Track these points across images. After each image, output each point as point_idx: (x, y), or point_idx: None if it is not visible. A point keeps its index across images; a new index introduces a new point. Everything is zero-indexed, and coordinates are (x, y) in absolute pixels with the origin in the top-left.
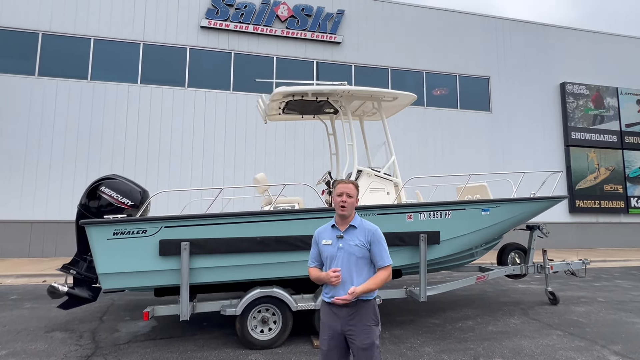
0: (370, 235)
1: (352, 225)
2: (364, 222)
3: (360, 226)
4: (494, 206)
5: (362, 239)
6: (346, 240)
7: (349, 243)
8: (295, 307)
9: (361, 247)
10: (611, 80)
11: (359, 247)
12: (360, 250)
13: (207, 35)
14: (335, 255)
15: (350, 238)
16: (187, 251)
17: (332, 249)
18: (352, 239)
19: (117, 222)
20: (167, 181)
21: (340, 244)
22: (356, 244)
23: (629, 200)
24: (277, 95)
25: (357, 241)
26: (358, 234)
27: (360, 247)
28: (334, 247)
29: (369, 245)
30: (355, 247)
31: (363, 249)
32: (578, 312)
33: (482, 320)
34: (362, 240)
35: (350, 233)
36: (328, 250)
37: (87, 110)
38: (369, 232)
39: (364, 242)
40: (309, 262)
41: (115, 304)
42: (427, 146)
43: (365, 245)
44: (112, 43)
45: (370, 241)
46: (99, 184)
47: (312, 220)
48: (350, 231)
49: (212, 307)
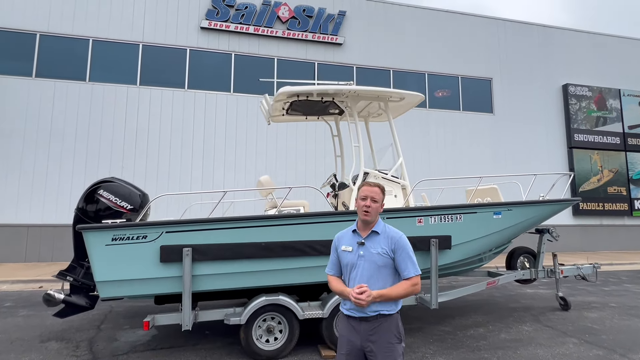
0: (395, 242)
1: (375, 232)
2: (388, 228)
3: (383, 232)
4: (506, 209)
5: (385, 246)
6: (368, 248)
7: (370, 251)
8: (302, 316)
9: (384, 256)
10: (613, 81)
11: (381, 256)
12: (382, 259)
13: (207, 37)
14: (356, 264)
15: (372, 245)
16: (189, 257)
17: (352, 257)
18: (374, 246)
19: (115, 227)
20: (167, 184)
21: (361, 252)
22: (378, 252)
23: (633, 202)
24: (281, 95)
25: (379, 249)
26: (381, 241)
27: (383, 255)
28: (354, 254)
29: (392, 254)
30: (377, 255)
31: (386, 258)
32: (591, 318)
33: (493, 328)
34: (385, 249)
35: (372, 240)
36: (348, 258)
37: (85, 112)
38: (393, 240)
39: (387, 250)
40: (327, 268)
41: (113, 311)
42: (430, 148)
43: (389, 253)
44: (111, 44)
45: (394, 249)
46: (97, 187)
47: (321, 225)
48: (372, 238)
49: (215, 315)
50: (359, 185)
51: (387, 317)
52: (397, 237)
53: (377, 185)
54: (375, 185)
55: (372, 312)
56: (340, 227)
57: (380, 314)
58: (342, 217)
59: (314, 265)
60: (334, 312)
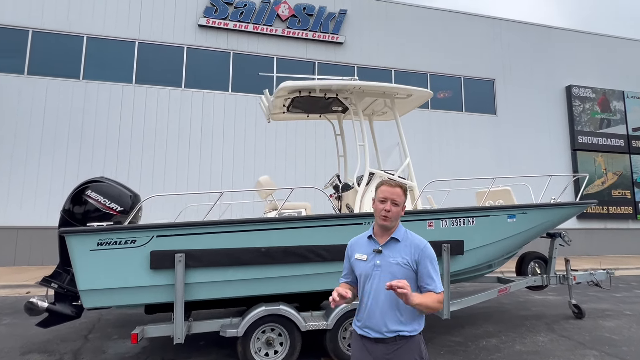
0: (419, 252)
1: (394, 238)
2: (410, 234)
3: (404, 239)
4: (520, 212)
5: (406, 256)
6: (385, 257)
7: (388, 260)
8: (305, 327)
9: (404, 267)
10: (617, 83)
11: (401, 267)
12: (402, 271)
13: (205, 34)
14: (371, 275)
15: (391, 254)
16: (182, 264)
17: (366, 266)
18: (394, 255)
19: (101, 231)
20: (162, 186)
21: (377, 261)
22: (398, 262)
23: (637, 205)
24: (282, 91)
25: (399, 258)
26: (401, 250)
27: (403, 266)
28: (369, 263)
29: (415, 265)
30: (397, 265)
31: (407, 270)
32: (608, 327)
33: (506, 338)
34: (406, 258)
35: (391, 247)
36: (362, 267)
37: (78, 110)
38: (417, 249)
39: (408, 260)
40: (341, 276)
41: (103, 319)
42: (431, 149)
43: (410, 264)
44: (105, 41)
45: (417, 260)
46: (84, 188)
47: (326, 229)
48: (391, 245)
49: (210, 326)
50: (377, 185)
51: (408, 339)
52: (422, 245)
53: (398, 186)
54: (397, 185)
55: (391, 333)
56: (346, 231)
57: (400, 335)
58: (349, 220)
59: (317, 272)
60: (339, 323)
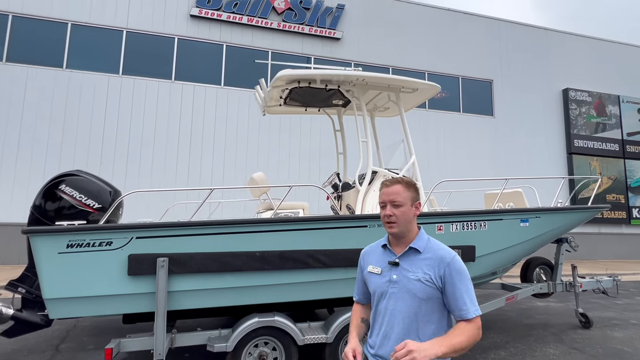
0: (444, 267)
1: (414, 249)
2: (433, 243)
3: (427, 250)
4: (533, 216)
5: (429, 271)
6: (403, 271)
7: (406, 275)
8: (302, 341)
9: (427, 284)
10: (613, 87)
11: (422, 284)
12: (424, 289)
13: (197, 25)
14: (386, 292)
15: (410, 267)
16: (165, 269)
17: (381, 281)
18: (413, 269)
19: (72, 231)
20: (149, 182)
21: (394, 275)
22: (419, 278)
23: (631, 210)
24: (280, 80)
25: (420, 273)
26: (423, 263)
27: (426, 283)
28: (384, 278)
29: (440, 283)
30: (418, 282)
31: (430, 287)
32: (617, 338)
33: (515, 350)
34: (428, 274)
35: (409, 260)
36: (375, 282)
37: (61, 101)
38: (442, 262)
39: (431, 276)
40: (354, 293)
41: (78, 326)
42: (429, 150)
43: (435, 281)
44: (91, 29)
45: (443, 276)
46: (59, 181)
47: (327, 232)
48: (410, 257)
49: (196, 339)
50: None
51: None
52: (449, 258)
53: (397, 182)
54: (395, 182)
55: None
56: (350, 235)
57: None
58: (352, 222)
59: (316, 279)
60: (340, 336)
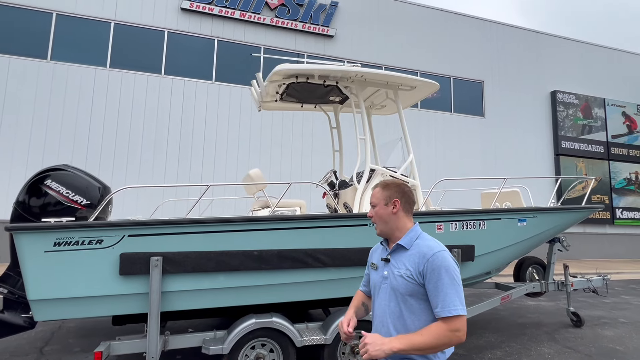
0: (424, 262)
1: (400, 245)
2: (421, 239)
3: (413, 246)
4: (531, 216)
5: (411, 266)
6: (392, 267)
7: (393, 272)
8: (300, 342)
9: (408, 280)
10: (599, 91)
11: (404, 280)
12: (405, 285)
13: (188, 19)
14: (379, 288)
15: (397, 264)
16: (159, 269)
17: (376, 278)
18: (399, 265)
19: (60, 228)
20: (137, 179)
21: (385, 271)
22: (401, 274)
23: (615, 211)
24: (277, 75)
25: (403, 269)
26: (406, 259)
27: (407, 279)
28: (379, 274)
29: (421, 279)
30: (400, 278)
31: (411, 284)
32: (609, 337)
33: (510, 350)
34: (410, 270)
35: (397, 256)
36: (373, 278)
37: (45, 94)
38: (422, 258)
39: (412, 272)
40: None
41: (63, 327)
42: (420, 149)
43: (415, 277)
44: (78, 20)
45: (424, 272)
46: (44, 176)
47: (327, 230)
48: (398, 253)
49: (190, 341)
50: None
51: None
52: (430, 253)
53: (377, 185)
54: (377, 185)
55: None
56: (350, 234)
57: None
58: (352, 220)
59: (316, 279)
60: (338, 337)
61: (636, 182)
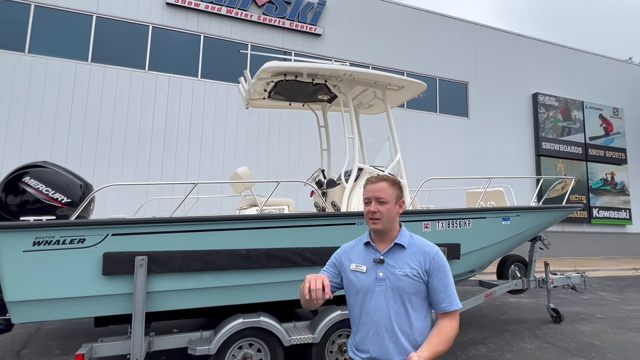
0: (430, 260)
1: (399, 244)
2: (416, 239)
3: (411, 245)
4: (514, 215)
5: (416, 265)
6: (389, 267)
7: (393, 272)
8: (288, 342)
9: (414, 279)
10: (577, 94)
11: (410, 279)
12: (412, 284)
13: (173, 14)
14: (372, 290)
15: (397, 263)
16: (144, 269)
17: (367, 280)
18: (400, 264)
19: (40, 227)
20: (120, 177)
21: (380, 273)
22: (406, 274)
23: (592, 210)
24: (265, 72)
25: (407, 269)
26: (408, 258)
27: (414, 278)
28: (370, 276)
29: (426, 277)
30: (405, 278)
31: (417, 282)
32: (586, 332)
33: (494, 346)
34: (416, 268)
35: (395, 256)
36: (361, 281)
37: (22, 88)
38: (427, 256)
39: (418, 271)
40: None
41: (42, 329)
42: (405, 149)
43: (421, 275)
44: (57, 12)
45: (429, 270)
46: (22, 173)
47: (315, 229)
48: (395, 253)
49: (175, 342)
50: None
51: None
52: (433, 252)
53: (382, 180)
54: (381, 179)
55: None
56: (338, 232)
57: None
58: (341, 219)
59: (304, 278)
60: (326, 336)
61: (612, 182)
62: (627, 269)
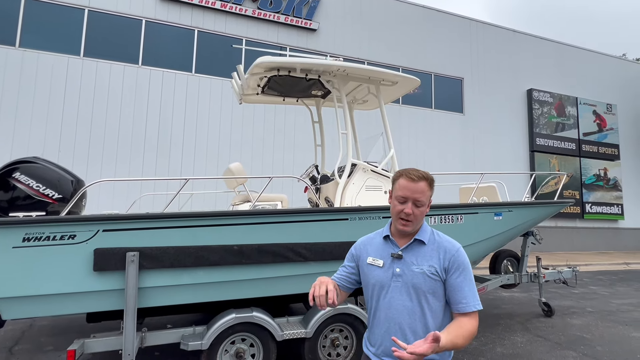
0: (450, 258)
1: (419, 240)
2: (437, 235)
3: (431, 242)
4: (506, 210)
5: (434, 262)
6: (407, 264)
7: (411, 268)
8: (281, 336)
9: (432, 277)
10: (572, 90)
11: (427, 277)
12: (429, 282)
13: (167, 8)
14: (388, 286)
15: (415, 260)
16: (136, 264)
17: (384, 275)
18: (418, 261)
19: (29, 223)
20: (113, 173)
21: (397, 268)
22: (424, 271)
23: (584, 205)
24: (258, 67)
25: (425, 266)
26: (427, 255)
27: (431, 276)
28: (387, 271)
29: (444, 275)
30: (423, 275)
31: (435, 280)
32: (577, 325)
33: (486, 340)
34: (434, 266)
35: (414, 252)
36: (377, 275)
37: (13, 83)
38: (447, 254)
39: (437, 268)
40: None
41: (35, 325)
42: (400, 144)
43: (440, 273)
44: (48, 5)
45: (448, 268)
46: (12, 169)
47: (308, 225)
48: (415, 249)
49: (168, 337)
50: (394, 177)
51: None
52: (454, 250)
53: (423, 178)
54: (421, 178)
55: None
56: (331, 228)
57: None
58: (333, 215)
59: (297, 273)
60: (319, 331)
61: (604, 178)
62: (619, 263)
